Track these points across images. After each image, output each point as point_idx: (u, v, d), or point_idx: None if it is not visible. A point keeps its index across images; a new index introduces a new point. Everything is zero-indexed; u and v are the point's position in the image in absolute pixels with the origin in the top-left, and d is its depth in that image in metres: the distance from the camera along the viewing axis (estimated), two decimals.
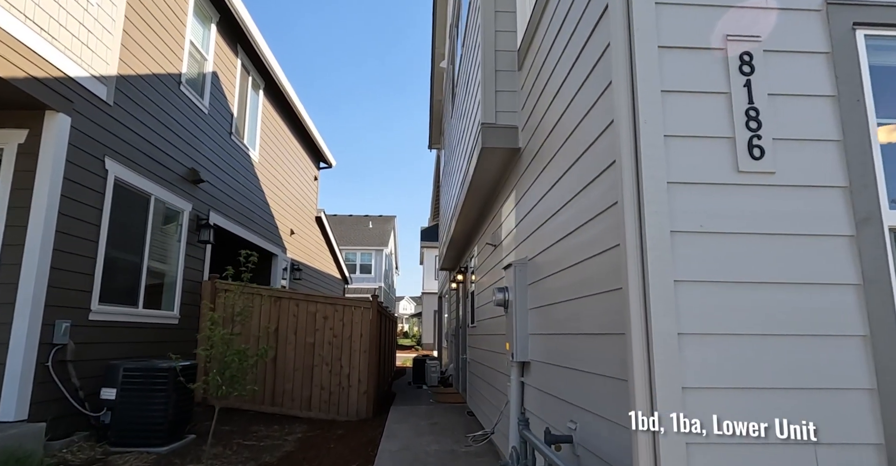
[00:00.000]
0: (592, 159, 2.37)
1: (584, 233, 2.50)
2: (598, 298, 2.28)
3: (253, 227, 10.12)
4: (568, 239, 2.82)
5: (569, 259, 2.80)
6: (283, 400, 7.60)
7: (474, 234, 7.28)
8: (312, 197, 14.74)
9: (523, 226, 4.01)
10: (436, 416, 7.19)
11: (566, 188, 2.86)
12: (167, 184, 7.01)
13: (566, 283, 2.87)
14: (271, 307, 7.86)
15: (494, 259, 5.33)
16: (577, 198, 2.63)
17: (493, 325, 5.26)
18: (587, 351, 2.46)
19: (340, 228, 34.10)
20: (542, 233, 3.43)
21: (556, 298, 3.06)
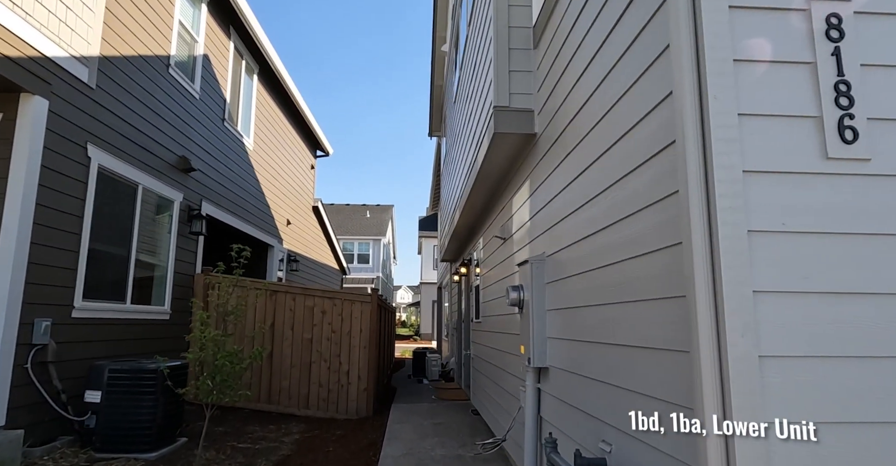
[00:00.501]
0: (637, 142, 2.04)
1: (624, 228, 2.18)
2: (644, 306, 1.96)
3: (248, 218, 9.77)
4: (600, 236, 2.49)
5: (601, 258, 2.47)
6: (279, 398, 7.31)
7: (480, 226, 6.95)
8: (309, 186, 14.36)
9: (540, 219, 3.69)
10: (439, 415, 6.91)
11: (598, 177, 2.53)
12: (156, 172, 6.64)
13: (596, 285, 2.55)
14: (267, 301, 7.54)
15: (503, 253, 5.01)
16: (614, 188, 2.30)
17: (502, 323, 4.95)
18: (627, 365, 2.14)
19: (338, 217, 33.72)
20: (565, 227, 3.11)
21: (583, 301, 2.74)
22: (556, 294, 3.25)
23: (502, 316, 4.98)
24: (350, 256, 31.92)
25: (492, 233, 5.81)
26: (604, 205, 2.44)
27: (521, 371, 3.98)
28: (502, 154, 4.28)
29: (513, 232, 4.63)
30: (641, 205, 1.98)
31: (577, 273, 2.87)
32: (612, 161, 2.32)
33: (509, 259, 4.68)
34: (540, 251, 3.62)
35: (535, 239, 3.78)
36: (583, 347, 2.76)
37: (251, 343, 7.39)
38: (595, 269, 2.56)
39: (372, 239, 33.07)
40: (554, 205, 3.34)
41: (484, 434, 5.70)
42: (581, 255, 2.80)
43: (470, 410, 7.14)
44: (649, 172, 1.92)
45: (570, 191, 3.01)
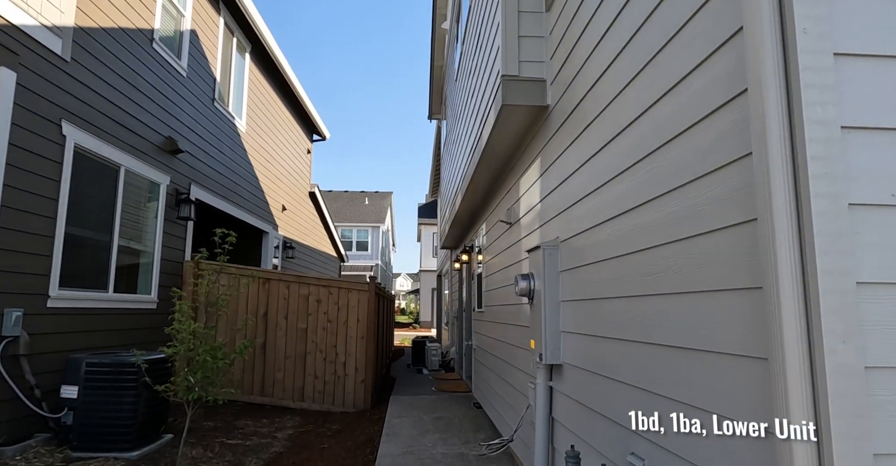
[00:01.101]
0: (689, 97, 1.68)
1: (667, 205, 1.83)
2: (698, 299, 1.62)
3: (240, 203, 9.40)
4: (631, 216, 2.14)
5: (631, 242, 2.13)
6: (273, 390, 7.02)
7: (483, 211, 6.60)
8: (305, 171, 13.97)
9: (552, 201, 3.33)
10: (440, 408, 6.63)
11: (629, 148, 2.17)
12: (140, 154, 6.26)
13: (625, 273, 2.21)
14: (259, 290, 7.22)
15: (509, 239, 4.66)
16: (654, 157, 1.95)
17: (508, 314, 4.62)
18: (669, 370, 1.81)
19: (336, 204, 33.33)
20: (583, 209, 2.76)
21: (607, 292, 2.40)
22: (573, 283, 2.91)
23: (508, 306, 4.65)
24: (348, 243, 31.60)
25: (496, 217, 5.46)
26: (638, 179, 2.08)
27: (531, 366, 3.66)
28: (510, 130, 3.91)
29: (520, 216, 4.28)
30: (694, 175, 1.63)
31: (598, 260, 2.52)
32: (651, 125, 1.96)
33: (516, 245, 4.34)
34: (552, 236, 3.28)
35: (547, 224, 3.43)
36: (607, 345, 2.43)
37: (243, 333, 7.10)
38: (623, 256, 2.21)
39: (371, 227, 32.72)
40: (569, 185, 2.99)
41: (487, 430, 5.41)
42: (604, 240, 2.46)
43: (472, 403, 6.86)
44: (708, 133, 1.57)
45: (591, 167, 2.66)
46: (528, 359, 3.78)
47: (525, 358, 3.90)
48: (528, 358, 3.77)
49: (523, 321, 3.92)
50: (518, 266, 4.25)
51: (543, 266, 3.09)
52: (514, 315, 4.31)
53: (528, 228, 3.98)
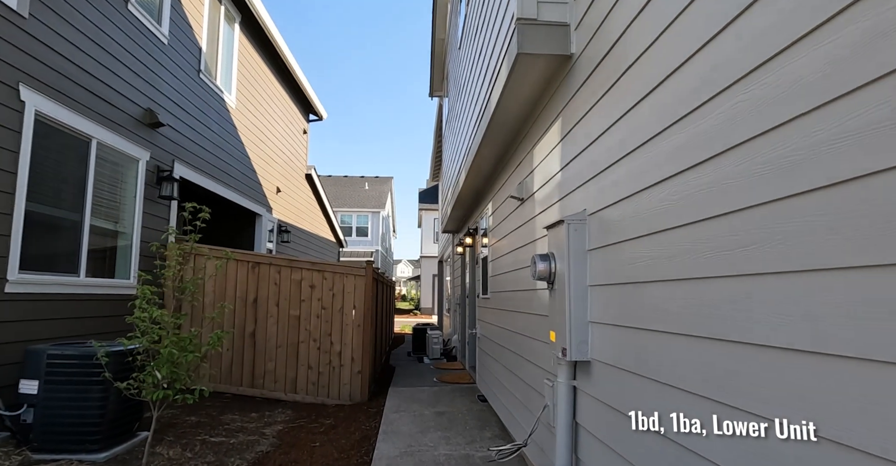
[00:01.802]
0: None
1: (764, 149, 1.31)
2: (822, 279, 1.12)
3: (231, 183, 8.88)
4: (693, 175, 1.63)
5: (695, 207, 1.62)
6: (264, 381, 6.58)
7: (489, 188, 6.07)
8: (301, 152, 13.41)
9: (577, 167, 2.81)
10: (442, 402, 6.17)
11: (691, 87, 1.65)
12: (115, 126, 5.73)
13: (681, 250, 1.71)
14: (249, 274, 6.74)
15: (521, 216, 4.15)
16: (734, 90, 1.43)
17: (520, 301, 4.13)
18: (770, 379, 1.31)
19: (335, 189, 32.78)
20: (621, 172, 2.24)
21: (652, 274, 1.91)
22: (605, 264, 2.41)
23: (519, 291, 4.16)
24: (348, 229, 31.12)
25: (504, 194, 4.94)
26: (709, 123, 1.57)
27: (549, 361, 3.17)
28: (524, 88, 3.37)
29: (534, 190, 3.76)
30: (824, 98, 1.11)
31: (642, 234, 2.02)
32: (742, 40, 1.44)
33: (530, 223, 3.83)
34: (578, 208, 2.76)
35: (570, 195, 2.91)
36: (652, 340, 1.93)
37: (233, 317, 6.63)
38: (680, 227, 1.71)
39: (371, 212, 32.19)
40: (602, 146, 2.47)
41: (494, 428, 4.95)
42: (652, 208, 1.95)
43: (476, 395, 6.41)
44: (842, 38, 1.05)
45: (632, 120, 2.14)
46: (545, 353, 3.29)
47: (541, 351, 3.42)
48: (545, 352, 3.29)
49: (539, 309, 3.42)
50: (532, 246, 3.74)
51: (568, 244, 2.58)
52: (528, 302, 3.81)
53: (544, 203, 3.46)
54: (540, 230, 3.50)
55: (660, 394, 1.87)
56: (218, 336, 3.50)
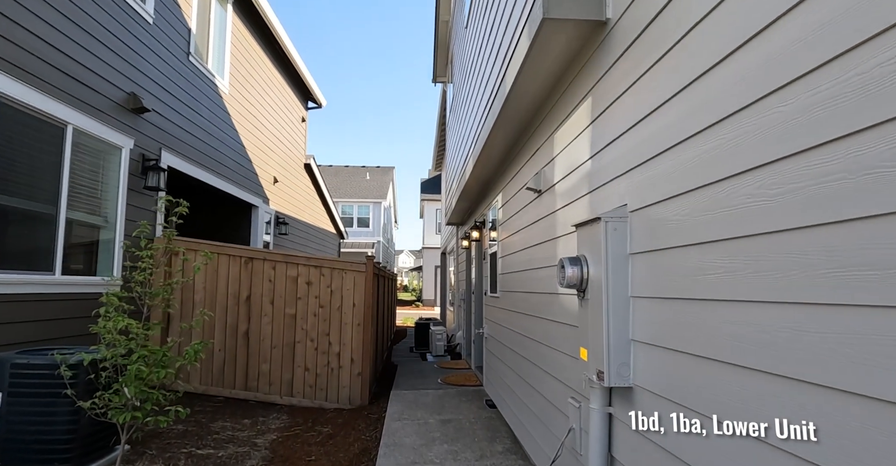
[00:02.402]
0: None
1: None
2: None
3: (224, 173, 8.43)
4: (821, 158, 1.19)
5: (818, 207, 1.18)
6: (258, 384, 6.19)
7: (499, 179, 5.63)
8: (300, 140, 12.94)
9: (614, 154, 2.37)
10: (447, 407, 5.78)
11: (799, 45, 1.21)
12: (94, 111, 5.29)
13: (786, 264, 1.28)
14: (241, 270, 6.32)
15: (538, 210, 3.71)
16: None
17: (538, 304, 3.70)
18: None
19: (336, 180, 32.32)
20: (681, 159, 1.80)
21: (729, 291, 1.48)
22: (653, 272, 1.98)
23: (536, 294, 3.74)
24: (349, 220, 30.70)
25: (517, 185, 4.50)
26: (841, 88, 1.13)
27: (576, 378, 2.76)
28: (547, 61, 2.92)
29: (554, 181, 3.32)
30: None
31: (715, 239, 1.58)
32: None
33: (550, 217, 3.39)
34: (614, 203, 2.33)
35: (605, 187, 2.47)
36: (728, 376, 1.50)
37: (225, 315, 6.23)
38: (797, 230, 1.27)
39: (372, 202, 31.74)
40: (651, 127, 2.03)
41: (505, 439, 4.55)
42: (731, 206, 1.51)
43: (484, 400, 6.01)
44: None
45: (699, 92, 1.69)
46: (570, 368, 2.88)
47: (565, 365, 3.00)
48: (571, 367, 2.87)
49: (563, 317, 3.00)
50: (552, 245, 3.31)
51: (605, 246, 2.15)
52: (547, 307, 3.39)
53: (568, 195, 3.02)
54: (563, 227, 3.07)
55: (733, 448, 1.45)
56: (195, 349, 3.09)
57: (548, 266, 3.39)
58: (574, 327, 2.73)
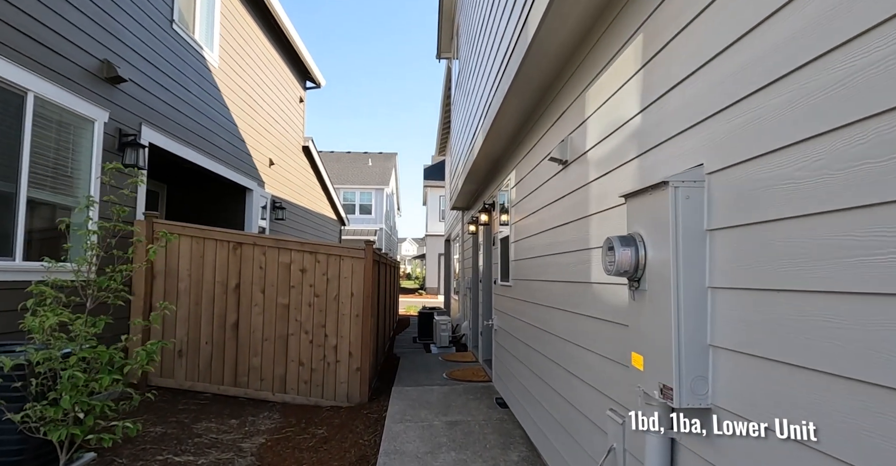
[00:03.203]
0: None
1: None
2: None
3: (215, 153, 7.88)
4: None
5: None
6: (248, 379, 5.70)
7: (512, 154, 5.06)
8: (297, 121, 12.35)
9: (677, 102, 1.81)
10: (454, 406, 5.28)
11: None
12: (60, 78, 4.73)
13: None
14: (229, 256, 5.81)
15: (565, 184, 3.16)
16: None
17: (561, 295, 3.17)
18: None
19: (338, 166, 31.73)
20: (793, 91, 1.24)
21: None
22: (745, 254, 1.43)
23: (560, 283, 3.20)
24: (351, 207, 30.16)
25: (533, 160, 3.95)
26: None
27: (617, 389, 2.23)
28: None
29: (588, 146, 2.76)
30: None
31: (844, 207, 1.04)
32: None
33: (581, 191, 2.84)
34: (678, 166, 1.78)
35: (664, 146, 1.92)
36: (879, 402, 0.96)
37: (212, 306, 5.73)
38: None
39: (374, 189, 31.16)
40: (747, 52, 1.47)
41: (520, 446, 4.05)
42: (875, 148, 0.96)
43: (494, 398, 5.51)
44: None
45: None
46: (610, 373, 2.35)
47: (602, 370, 2.47)
48: (609, 371, 2.34)
49: (603, 312, 2.46)
50: (583, 225, 2.76)
51: (674, 220, 1.60)
52: (579, 298, 2.85)
53: (606, 163, 2.47)
54: (599, 201, 2.52)
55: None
56: (147, 351, 2.56)
57: (577, 249, 2.85)
58: (618, 325, 2.19)
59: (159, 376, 5.69)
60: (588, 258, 2.67)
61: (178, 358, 5.72)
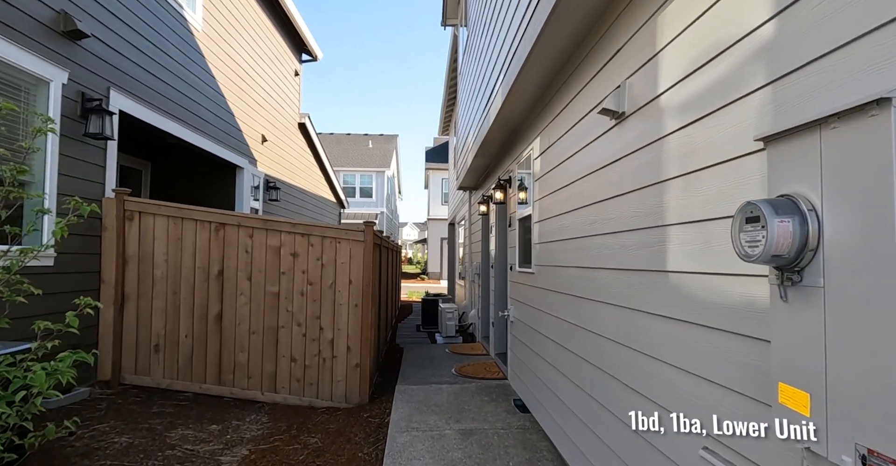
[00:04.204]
0: None
1: None
2: None
3: (199, 126, 7.15)
4: None
5: None
6: (234, 377, 5.07)
7: (537, 116, 4.33)
8: (293, 96, 11.57)
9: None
10: (467, 411, 4.63)
11: None
12: (6, 29, 4.00)
13: None
14: (211, 238, 5.13)
15: (618, 144, 2.45)
16: None
17: (612, 285, 2.48)
18: None
19: (338, 148, 30.91)
20: None
21: None
22: None
23: (607, 271, 2.51)
24: (351, 190, 29.42)
25: (569, 120, 3.23)
26: None
27: (729, 425, 1.55)
28: None
29: (663, 88, 2.05)
30: None
31: None
32: None
33: (648, 151, 2.13)
34: (868, 85, 1.07)
35: (832, 58, 1.20)
36: None
37: (192, 294, 5.07)
38: None
39: (375, 171, 30.37)
40: None
41: (550, 464, 3.40)
42: None
43: (512, 400, 4.87)
44: None
45: None
46: (699, 394, 1.67)
47: (689, 389, 1.79)
48: (701, 393, 1.66)
49: (699, 314, 1.77)
50: (656, 193, 2.06)
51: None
52: (645, 291, 2.16)
53: (697, 106, 1.76)
54: (683, 161, 1.82)
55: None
56: (55, 369, 1.88)
57: (642, 228, 2.16)
58: (729, 335, 1.51)
59: (133, 373, 5.06)
60: (662, 238, 1.98)
61: (154, 354, 5.08)
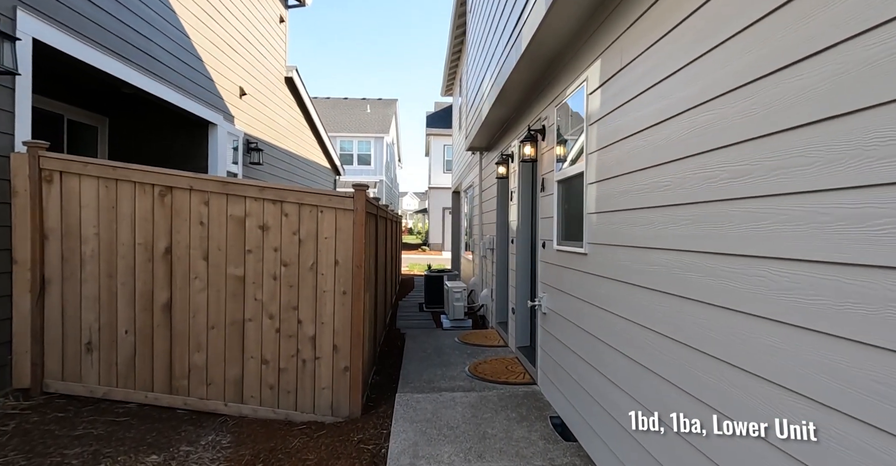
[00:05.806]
0: None
1: None
2: None
3: (154, 69, 5.84)
4: None
5: None
6: (189, 384, 3.96)
7: (597, 30, 3.04)
8: (278, 46, 10.15)
9: None
10: (490, 437, 3.52)
11: None
12: None
13: None
14: (156, 206, 3.94)
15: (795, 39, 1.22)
16: None
17: (793, 285, 1.28)
18: None
19: (334, 112, 29.34)
20: None
21: None
22: None
23: (773, 262, 1.32)
24: (349, 157, 28.00)
25: (670, 19, 2.00)
26: None
27: None
28: None
29: None
30: None
31: None
32: None
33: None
34: None
35: None
36: None
37: (130, 285, 3.93)
38: None
39: (373, 137, 28.86)
40: None
41: None
42: None
43: (549, 418, 3.76)
44: None
45: None
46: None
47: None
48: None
49: None
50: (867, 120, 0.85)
51: None
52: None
53: None
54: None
55: None
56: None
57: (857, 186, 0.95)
58: None
59: (60, 379, 3.95)
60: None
61: (86, 354, 3.96)
